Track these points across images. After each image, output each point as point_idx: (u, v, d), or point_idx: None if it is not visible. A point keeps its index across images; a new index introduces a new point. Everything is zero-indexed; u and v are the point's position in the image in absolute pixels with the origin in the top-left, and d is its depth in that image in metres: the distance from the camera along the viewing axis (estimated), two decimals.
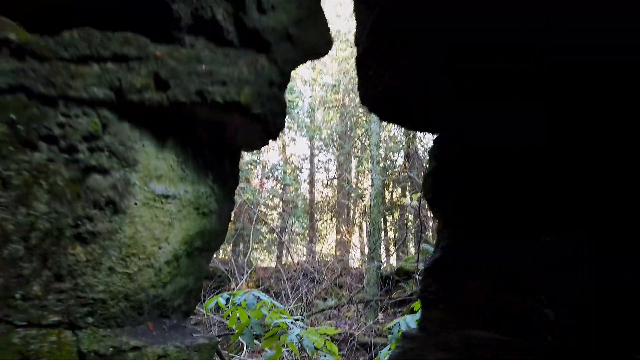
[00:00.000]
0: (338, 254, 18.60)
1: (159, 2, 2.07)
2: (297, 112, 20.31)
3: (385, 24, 1.80)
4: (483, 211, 1.88)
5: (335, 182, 22.02)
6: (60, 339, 1.74)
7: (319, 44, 2.77)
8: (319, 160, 22.93)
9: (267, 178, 19.55)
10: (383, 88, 1.86)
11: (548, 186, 1.67)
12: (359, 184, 21.78)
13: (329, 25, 2.84)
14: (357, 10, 2.13)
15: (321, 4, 2.80)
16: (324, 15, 2.80)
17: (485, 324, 1.73)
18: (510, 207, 1.75)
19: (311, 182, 21.81)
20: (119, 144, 1.88)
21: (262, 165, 20.11)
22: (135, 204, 1.91)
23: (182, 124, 2.12)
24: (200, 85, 1.99)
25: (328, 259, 16.94)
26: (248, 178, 17.15)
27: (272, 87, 2.23)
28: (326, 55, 2.97)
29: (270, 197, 19.09)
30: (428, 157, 2.28)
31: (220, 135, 2.29)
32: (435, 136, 2.17)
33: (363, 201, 20.57)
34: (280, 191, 19.52)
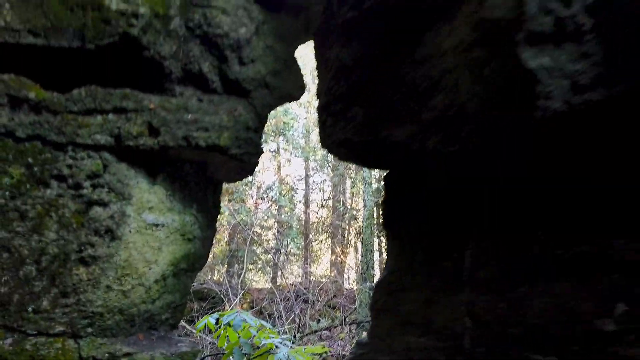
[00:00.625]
0: (332, 275, 18.80)
1: (155, 61, 2.46)
2: (292, 134, 20.78)
3: (338, 88, 2.19)
4: (422, 235, 2.24)
5: (330, 202, 22.35)
6: (64, 346, 2.07)
7: (293, 90, 3.17)
8: (314, 181, 23.30)
9: (262, 199, 19.87)
10: (337, 137, 2.24)
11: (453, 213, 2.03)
12: (353, 205, 22.10)
13: (302, 74, 3.25)
14: (318, 68, 2.52)
15: (295, 57, 3.22)
16: (298, 66, 3.20)
17: (421, 331, 2.07)
18: (437, 231, 2.11)
19: (306, 203, 22.12)
20: (117, 181, 2.25)
21: (257, 186, 20.45)
22: (130, 231, 2.26)
23: (170, 163, 2.49)
24: (187, 131, 2.37)
25: (322, 280, 17.13)
26: (243, 199, 17.47)
27: (248, 132, 2.61)
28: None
29: (265, 218, 19.38)
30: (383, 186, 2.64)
31: (204, 171, 2.66)
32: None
33: (357, 222, 20.87)
34: (275, 212, 19.81)
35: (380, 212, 2.53)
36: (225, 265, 14.98)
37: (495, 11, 1.65)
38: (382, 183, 2.55)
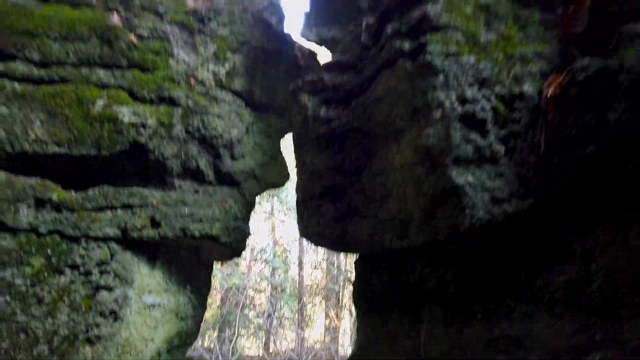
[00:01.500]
0: (326, 340, 18.51)
1: (158, 161, 2.89)
2: (286, 195, 21.21)
3: (312, 188, 2.62)
4: (386, 314, 2.57)
5: (324, 264, 22.36)
6: None
7: (278, 179, 3.61)
8: (308, 242, 23.38)
9: (255, 260, 19.91)
10: (312, 229, 2.63)
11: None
12: (347, 267, 22.10)
13: (286, 164, 3.70)
14: (297, 167, 2.95)
15: (281, 150, 3.68)
16: (283, 157, 3.66)
17: None
18: (398, 311, 2.45)
19: (300, 265, 22.11)
20: (122, 268, 2.60)
21: (250, 248, 20.54)
22: (131, 312, 2.58)
23: (168, 249, 2.86)
24: (184, 224, 2.75)
25: (316, 346, 16.85)
26: (236, 262, 17.53)
27: (237, 221, 3.00)
28: None
29: (258, 280, 19.34)
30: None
31: (197, 254, 3.03)
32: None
33: (352, 284, 20.75)
34: (269, 274, 19.80)
35: (352, 291, 2.87)
36: (217, 331, 14.84)
37: (429, 140, 2.10)
38: (354, 263, 2.92)
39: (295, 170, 2.98)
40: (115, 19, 2.84)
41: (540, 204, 2.00)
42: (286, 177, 3.66)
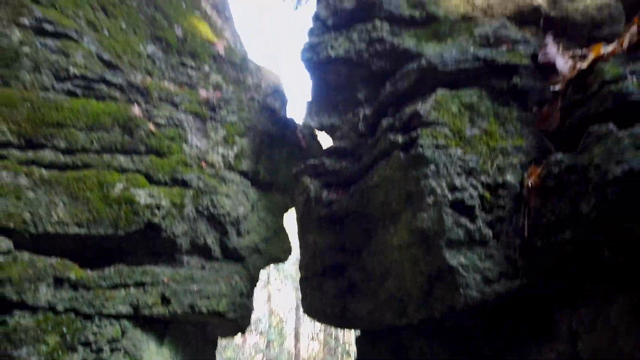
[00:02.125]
0: None
1: (169, 239, 3.07)
2: (283, 263, 21.03)
3: (314, 267, 2.79)
4: None
5: (321, 335, 21.75)
6: None
7: (281, 253, 3.78)
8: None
9: (250, 332, 19.40)
10: (315, 307, 2.77)
11: None
12: (345, 339, 21.50)
13: (289, 239, 3.88)
14: (300, 246, 3.13)
15: (284, 226, 3.87)
16: (285, 232, 3.85)
17: None
18: None
19: (296, 336, 21.50)
20: (132, 345, 2.69)
21: None
22: None
23: (176, 325, 2.96)
24: (192, 300, 2.88)
25: None
26: None
27: (242, 297, 3.13)
28: None
29: (253, 353, 18.76)
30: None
31: (203, 330, 3.12)
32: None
33: (350, 357, 20.15)
34: (264, 347, 19.22)
35: None
36: None
37: (424, 223, 2.31)
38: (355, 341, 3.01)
39: (296, 244, 3.16)
40: (136, 110, 3.13)
41: (528, 284, 2.17)
42: (288, 251, 3.83)
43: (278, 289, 23.34)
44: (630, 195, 1.78)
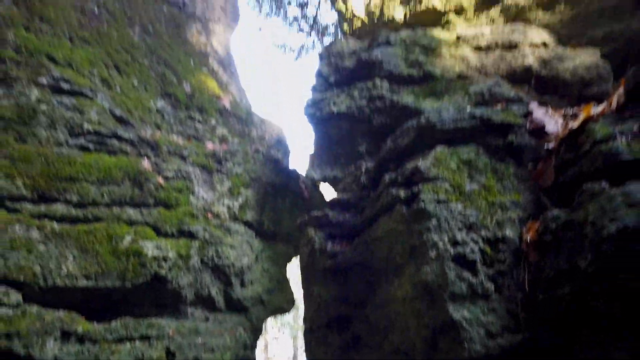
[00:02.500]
0: None
1: (175, 291, 3.10)
2: None
3: (319, 319, 2.81)
4: None
5: None
6: None
7: (284, 304, 3.79)
8: None
9: None
10: (320, 358, 2.77)
11: None
12: None
13: (292, 291, 3.90)
14: (304, 297, 3.17)
15: (287, 276, 3.91)
16: (288, 283, 3.88)
17: None
18: None
19: None
20: None
21: None
22: None
23: None
24: (197, 353, 2.89)
25: None
26: None
27: (246, 350, 3.13)
28: None
29: None
30: None
31: None
32: None
33: None
34: None
35: None
36: None
37: (427, 276, 2.36)
38: None
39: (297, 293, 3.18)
40: (145, 164, 3.24)
41: (530, 338, 2.21)
42: (292, 302, 3.84)
43: (275, 337, 22.77)
44: (625, 251, 1.85)
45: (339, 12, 5.50)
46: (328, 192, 4.49)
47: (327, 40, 10.99)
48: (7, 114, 2.89)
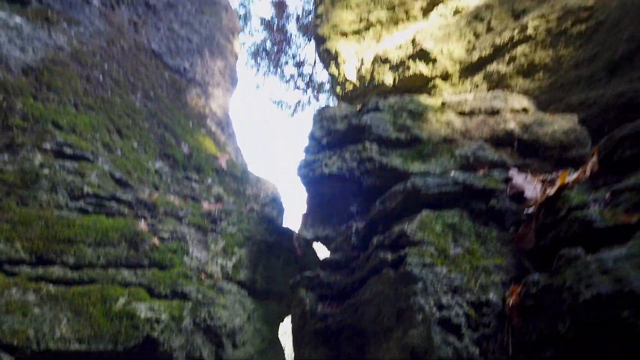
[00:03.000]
0: None
1: (166, 353, 3.11)
2: None
3: None
4: None
5: None
6: None
7: None
8: None
9: None
10: None
11: None
12: None
13: (284, 352, 3.89)
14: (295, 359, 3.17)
15: (279, 337, 3.91)
16: (280, 344, 3.87)
17: None
18: None
19: None
20: None
21: None
22: None
23: None
24: None
25: None
26: None
27: None
28: None
29: None
30: None
31: None
32: None
33: None
34: None
35: None
36: None
37: (414, 340, 2.41)
38: None
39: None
40: (142, 225, 3.34)
41: None
42: None
43: None
44: (600, 317, 1.92)
45: (332, 76, 5.80)
46: (321, 248, 4.56)
47: (323, 97, 11.42)
48: (10, 179, 3.02)
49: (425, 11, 5.23)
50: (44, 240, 2.96)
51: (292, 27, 11.37)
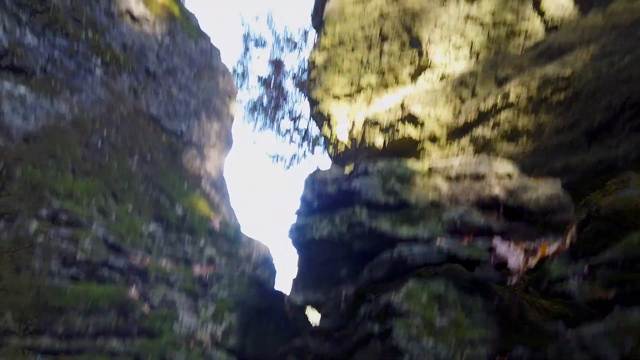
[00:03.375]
0: None
1: None
2: None
3: None
4: None
5: None
6: None
7: None
8: None
9: None
10: None
11: None
12: None
13: None
14: None
15: None
16: None
17: None
18: None
19: None
20: None
21: None
22: None
23: None
24: None
25: None
26: None
27: None
28: None
29: None
30: None
31: None
32: None
33: None
34: None
35: None
36: None
37: None
38: None
39: None
40: (133, 291, 3.36)
41: None
42: None
43: None
44: None
45: (325, 137, 5.97)
46: (313, 309, 4.55)
47: (318, 149, 11.64)
48: (5, 247, 3.07)
49: (413, 76, 5.46)
50: (34, 309, 2.97)
51: (288, 84, 11.74)
